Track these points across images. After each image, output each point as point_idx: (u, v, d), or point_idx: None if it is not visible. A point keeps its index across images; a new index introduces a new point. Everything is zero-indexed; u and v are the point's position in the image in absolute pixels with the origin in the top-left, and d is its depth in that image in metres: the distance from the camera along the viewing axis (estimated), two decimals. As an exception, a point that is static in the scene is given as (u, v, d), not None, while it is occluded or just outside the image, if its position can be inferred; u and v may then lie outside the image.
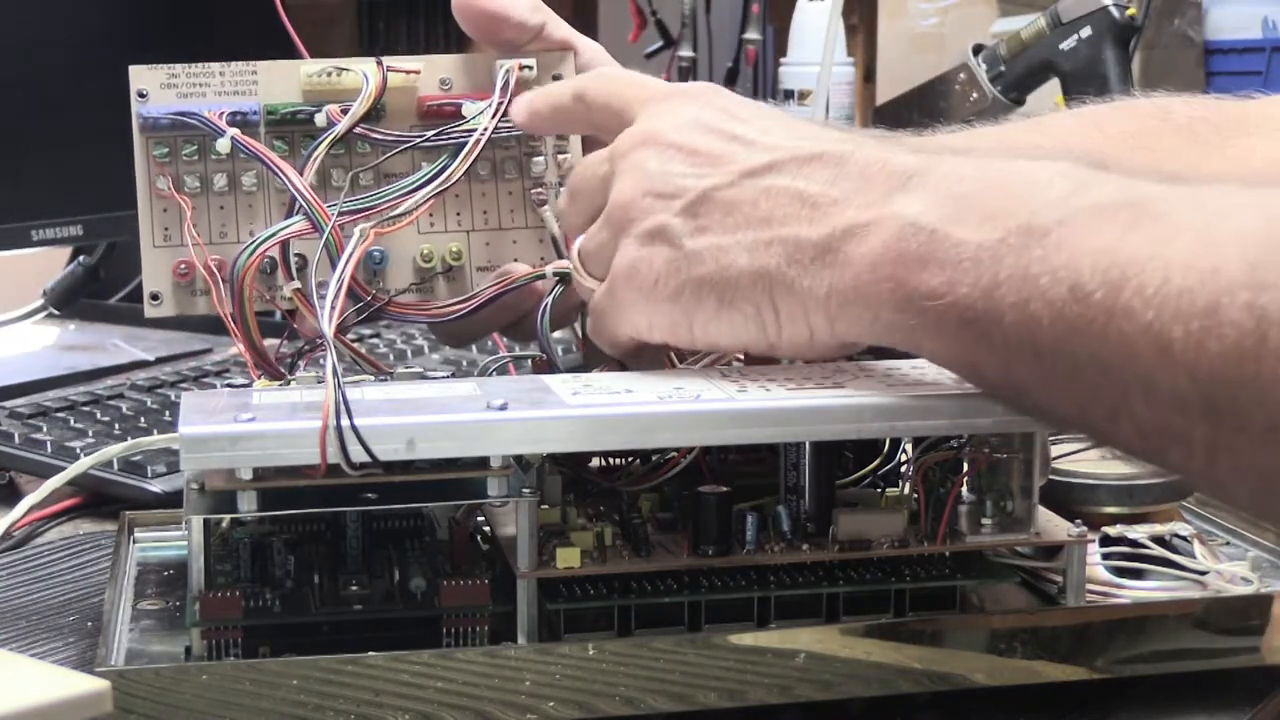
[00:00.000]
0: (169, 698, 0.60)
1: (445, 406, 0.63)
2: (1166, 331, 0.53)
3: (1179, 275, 0.53)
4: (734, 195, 0.66)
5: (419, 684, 0.61)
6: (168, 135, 0.77)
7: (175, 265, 0.77)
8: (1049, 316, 0.57)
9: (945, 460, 0.67)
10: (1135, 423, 0.56)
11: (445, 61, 0.80)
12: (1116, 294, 0.55)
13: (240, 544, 0.66)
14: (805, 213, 0.64)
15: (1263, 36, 1.56)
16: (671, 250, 0.67)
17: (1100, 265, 0.55)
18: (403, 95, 0.78)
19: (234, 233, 0.77)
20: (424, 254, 0.79)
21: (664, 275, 0.67)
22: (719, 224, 0.66)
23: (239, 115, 0.76)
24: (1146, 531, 0.73)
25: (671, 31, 1.79)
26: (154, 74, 0.77)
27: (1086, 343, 0.56)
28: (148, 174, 0.77)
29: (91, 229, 1.23)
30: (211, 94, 0.78)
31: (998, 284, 0.58)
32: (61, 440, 0.93)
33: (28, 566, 0.81)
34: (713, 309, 0.66)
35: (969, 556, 0.68)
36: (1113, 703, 0.66)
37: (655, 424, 0.63)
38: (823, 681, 0.64)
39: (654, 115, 0.70)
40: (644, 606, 0.65)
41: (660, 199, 0.67)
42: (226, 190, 0.77)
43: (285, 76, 0.78)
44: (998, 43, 1.51)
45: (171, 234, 0.77)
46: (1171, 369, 0.53)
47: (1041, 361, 0.58)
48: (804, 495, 0.67)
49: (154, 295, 0.77)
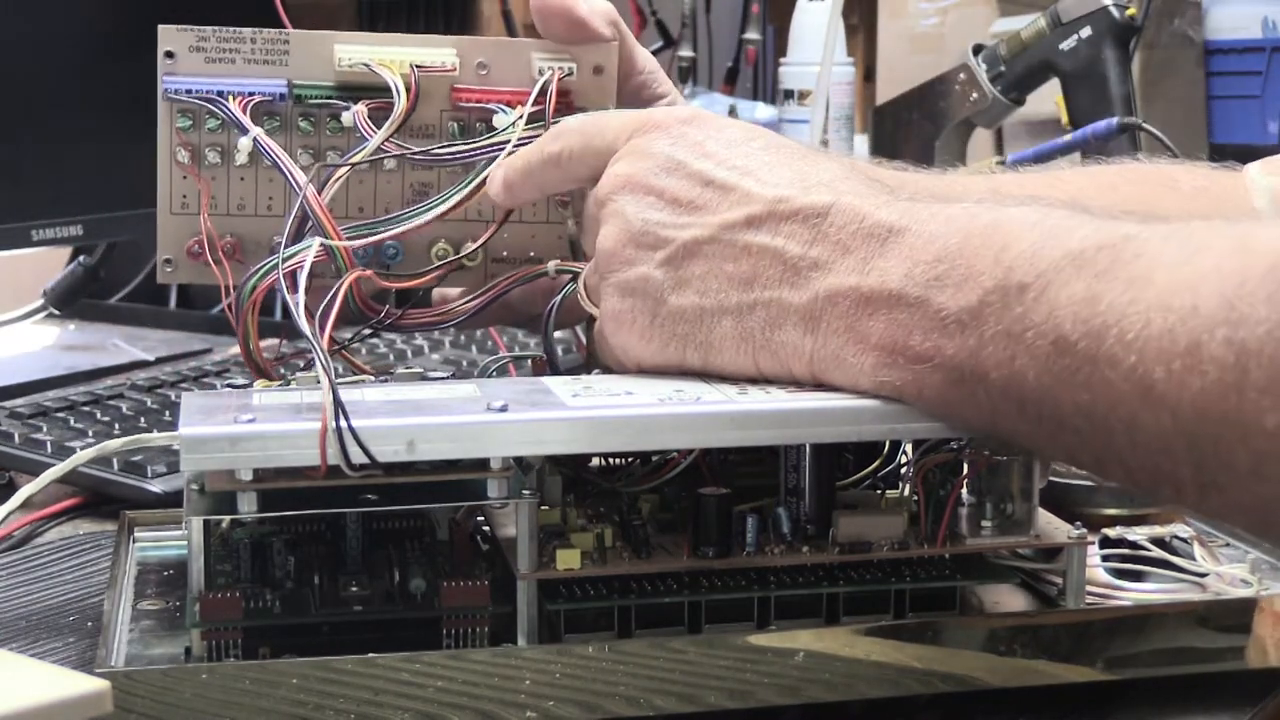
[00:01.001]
0: (169, 698, 0.60)
1: (445, 408, 0.63)
2: (1149, 373, 0.54)
3: (1159, 317, 0.54)
4: (713, 250, 0.66)
5: (419, 684, 0.61)
6: (191, 105, 0.76)
7: (189, 244, 0.76)
8: (1034, 370, 0.57)
9: (945, 462, 0.67)
10: (1124, 467, 0.57)
11: (483, 44, 0.78)
12: (1099, 342, 0.55)
13: (240, 544, 0.66)
14: (787, 276, 0.65)
15: (1263, 36, 1.56)
16: (653, 304, 0.67)
17: (1081, 315, 0.56)
18: (438, 82, 0.77)
19: (252, 205, 0.76)
20: (439, 253, 0.78)
21: (648, 329, 0.68)
22: (700, 280, 0.66)
23: (266, 100, 0.75)
24: (1146, 533, 0.73)
25: (671, 31, 1.80)
26: (183, 36, 0.76)
27: (1072, 393, 0.56)
28: (170, 142, 0.76)
29: (91, 229, 1.23)
30: (241, 60, 0.76)
31: (983, 344, 0.59)
32: (61, 440, 0.93)
33: (28, 566, 0.81)
34: (698, 361, 0.67)
35: (969, 558, 0.68)
36: (1113, 704, 0.66)
37: (655, 426, 0.63)
38: (823, 682, 0.64)
39: (629, 156, 0.70)
40: (644, 607, 0.65)
41: (641, 249, 0.68)
42: (248, 164, 0.76)
43: (318, 51, 0.76)
44: (998, 43, 1.51)
45: (189, 203, 0.76)
46: (1155, 411, 0.54)
47: (1026, 414, 0.58)
48: (804, 497, 0.67)
49: (167, 261, 0.77)
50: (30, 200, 1.19)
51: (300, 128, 0.76)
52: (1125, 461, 0.56)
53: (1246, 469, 0.53)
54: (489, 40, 0.79)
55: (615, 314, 0.69)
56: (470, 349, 1.17)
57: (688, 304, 0.67)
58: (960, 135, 1.56)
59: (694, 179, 0.68)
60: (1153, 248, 0.56)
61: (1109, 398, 0.55)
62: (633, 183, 0.69)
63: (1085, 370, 0.56)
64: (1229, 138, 1.56)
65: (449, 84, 0.77)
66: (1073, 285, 0.57)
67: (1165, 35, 1.59)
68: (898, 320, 0.61)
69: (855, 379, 0.63)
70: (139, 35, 1.26)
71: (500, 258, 0.79)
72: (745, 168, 0.67)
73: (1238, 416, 0.52)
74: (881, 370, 0.62)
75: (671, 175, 0.68)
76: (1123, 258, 0.56)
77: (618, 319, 0.69)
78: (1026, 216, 0.60)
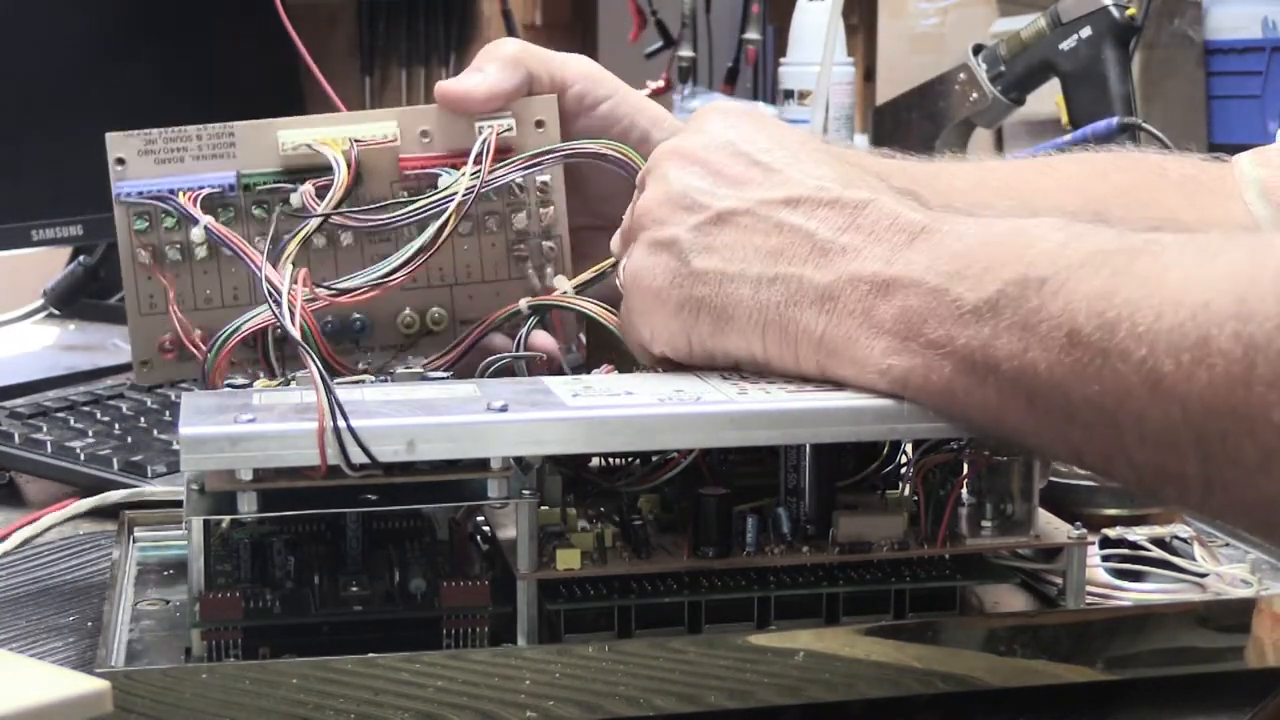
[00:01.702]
0: (169, 698, 0.60)
1: (445, 408, 0.63)
2: (1159, 366, 0.54)
3: (1171, 311, 0.54)
4: (747, 222, 0.67)
5: (419, 684, 0.61)
6: (147, 206, 0.77)
7: (160, 341, 0.77)
8: (1046, 362, 0.58)
9: (945, 462, 0.67)
10: (1131, 464, 0.57)
11: (425, 113, 0.79)
12: (1111, 334, 0.56)
13: (240, 544, 0.66)
14: (813, 256, 0.65)
15: (1263, 36, 1.56)
16: (677, 264, 0.68)
17: (1096, 309, 0.56)
18: (382, 156, 0.78)
19: (219, 297, 0.77)
20: (405, 321, 0.79)
21: (666, 287, 0.68)
22: (727, 248, 0.67)
23: (216, 191, 0.76)
24: (1146, 533, 0.73)
25: (671, 31, 1.79)
26: (131, 141, 0.77)
27: (1081, 385, 0.57)
28: (130, 245, 0.77)
29: (91, 229, 1.23)
30: (189, 158, 0.77)
31: (997, 334, 0.59)
32: (61, 440, 0.93)
33: (28, 566, 0.81)
34: (708, 330, 0.67)
35: (969, 558, 0.68)
36: (1113, 704, 0.66)
37: (655, 426, 0.63)
38: (823, 682, 0.64)
39: (688, 130, 0.72)
40: (644, 607, 0.65)
41: (675, 210, 0.68)
42: (209, 258, 0.77)
43: (263, 140, 0.77)
44: (998, 43, 1.51)
45: (157, 303, 0.77)
46: (1164, 404, 0.54)
47: (1035, 407, 0.59)
48: (804, 497, 0.67)
49: (144, 363, 0.78)
50: (30, 200, 1.19)
51: (255, 215, 0.77)
52: (1132, 458, 0.57)
53: (1254, 464, 0.53)
54: (429, 109, 0.79)
55: (637, 270, 0.69)
56: (470, 349, 1.17)
57: (710, 267, 0.67)
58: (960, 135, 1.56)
59: (741, 157, 0.69)
60: (1170, 251, 0.57)
61: (1119, 390, 0.55)
62: (681, 152, 0.70)
63: (1097, 362, 0.56)
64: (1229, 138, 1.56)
65: (394, 156, 0.78)
66: (1090, 281, 0.57)
67: (1165, 35, 1.59)
68: (913, 307, 0.62)
69: (864, 363, 0.63)
70: (139, 35, 1.27)
71: (468, 319, 0.79)
72: (793, 157, 0.69)
73: (1245, 410, 0.52)
74: (891, 355, 0.63)
75: (720, 151, 0.69)
76: (1141, 258, 0.57)
77: (638, 275, 0.69)
78: (1052, 223, 0.62)
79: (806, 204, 0.67)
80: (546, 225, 0.80)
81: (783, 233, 0.66)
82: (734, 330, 0.67)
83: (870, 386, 0.64)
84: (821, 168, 0.68)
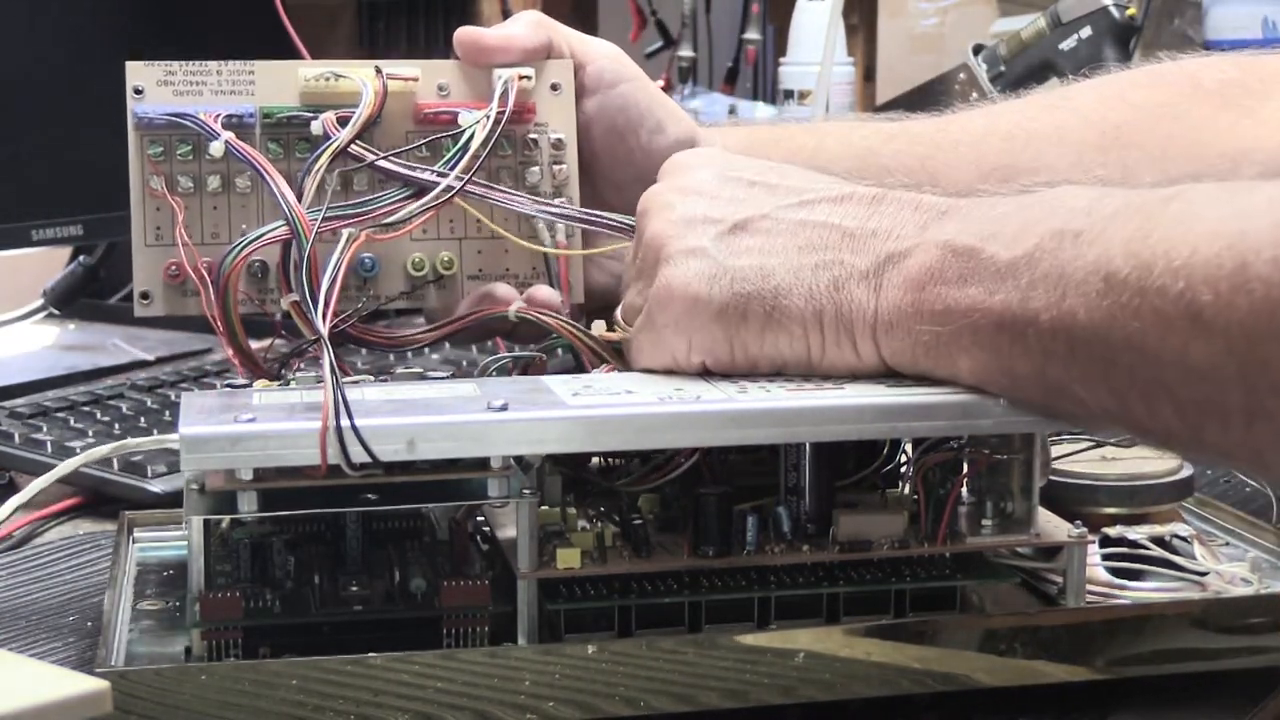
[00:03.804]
0: (169, 698, 0.60)
1: (445, 407, 0.63)
2: (1197, 298, 0.54)
3: (1206, 244, 0.54)
4: (768, 225, 0.67)
5: (419, 684, 0.61)
6: (162, 134, 0.77)
7: (166, 266, 0.76)
8: (1084, 308, 0.57)
9: (945, 461, 0.67)
10: (1174, 402, 0.56)
11: (443, 66, 0.80)
12: (1148, 273, 0.55)
13: (240, 544, 0.66)
14: (847, 243, 0.65)
15: (1263, 36, 1.56)
16: (712, 268, 0.66)
17: (1131, 250, 0.56)
18: (400, 101, 0.78)
19: (226, 234, 0.77)
20: (415, 263, 0.78)
21: (706, 293, 0.66)
22: (760, 246, 0.66)
23: (234, 118, 0.76)
24: (1146, 532, 0.73)
25: (671, 31, 1.80)
26: (150, 70, 0.77)
27: (1122, 326, 0.56)
28: (141, 172, 0.77)
29: (91, 229, 1.23)
30: (208, 92, 0.77)
31: (1033, 285, 0.59)
32: (61, 440, 0.93)
33: (28, 566, 0.81)
34: (757, 328, 0.66)
35: (969, 557, 0.68)
36: (1112, 703, 0.66)
37: (655, 425, 0.63)
38: (823, 682, 0.64)
39: (669, 175, 0.71)
40: (644, 607, 0.65)
41: (692, 226, 0.67)
42: (220, 191, 0.77)
43: (283, 78, 0.78)
44: (998, 43, 1.51)
45: (164, 234, 0.77)
46: (1205, 335, 0.54)
47: (1077, 356, 0.58)
48: (804, 496, 0.67)
49: (144, 294, 0.77)
50: (30, 200, 1.19)
51: (270, 149, 0.77)
52: (1175, 395, 0.56)
53: None
54: (447, 62, 0.80)
55: (669, 282, 0.67)
56: (470, 349, 1.17)
57: (748, 264, 0.66)
58: (960, 135, 1.56)
59: (736, 182, 0.69)
60: (1203, 195, 0.57)
61: (1159, 327, 0.55)
62: (674, 188, 0.70)
63: (1135, 302, 0.56)
64: (1229, 137, 1.56)
65: (412, 102, 0.79)
66: (1124, 227, 0.57)
67: (1165, 35, 1.59)
68: (951, 268, 0.62)
69: (914, 340, 0.63)
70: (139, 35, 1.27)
71: (476, 275, 0.79)
72: (785, 174, 0.69)
73: None
74: (937, 319, 0.63)
75: (712, 183, 0.69)
76: (1173, 203, 0.57)
77: (670, 286, 0.67)
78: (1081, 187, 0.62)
79: (823, 203, 0.66)
80: (559, 183, 0.80)
81: (808, 229, 0.66)
82: (785, 323, 0.65)
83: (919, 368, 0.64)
84: (818, 180, 0.68)
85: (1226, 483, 0.90)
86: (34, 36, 1.20)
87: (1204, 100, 0.82)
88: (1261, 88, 0.82)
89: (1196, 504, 0.80)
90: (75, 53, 1.22)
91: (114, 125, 0.78)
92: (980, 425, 0.64)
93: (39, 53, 1.20)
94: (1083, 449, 0.77)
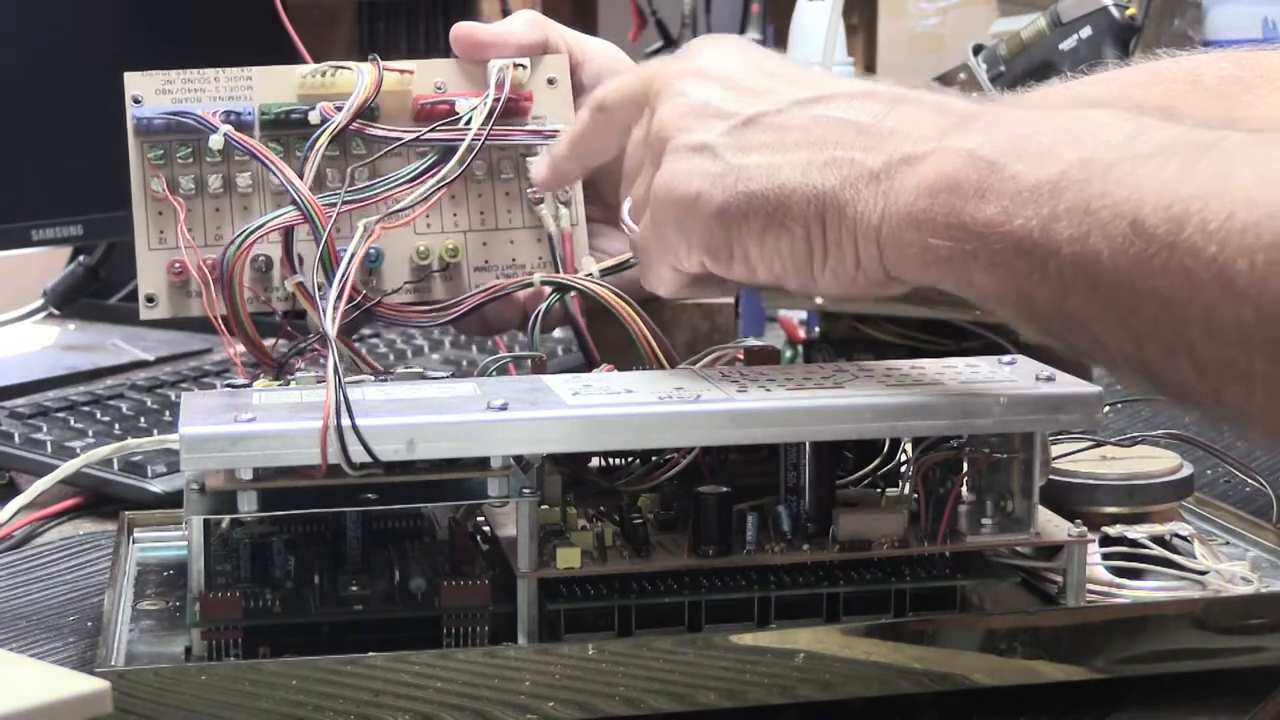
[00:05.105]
0: (169, 698, 0.60)
1: (445, 406, 0.63)
2: (1230, 265, 0.53)
3: (1243, 210, 0.53)
4: (784, 120, 0.64)
5: (419, 684, 0.61)
6: (162, 138, 0.77)
7: (169, 265, 0.77)
8: (1109, 250, 0.56)
9: (945, 460, 0.67)
10: (1194, 359, 0.55)
11: (440, 65, 0.80)
12: (1179, 229, 0.54)
13: (240, 544, 0.66)
14: (860, 140, 0.63)
15: (1263, 36, 1.56)
16: (716, 164, 0.64)
17: (1163, 201, 0.55)
18: (397, 96, 0.78)
19: (229, 234, 0.77)
20: (420, 251, 0.79)
21: (707, 189, 0.64)
22: (769, 143, 0.64)
23: (233, 114, 0.77)
24: (1146, 531, 0.73)
25: (671, 31, 1.80)
26: (149, 80, 0.78)
27: (1147, 277, 0.55)
28: (142, 176, 0.77)
29: (91, 229, 1.23)
30: (206, 99, 0.78)
31: (1056, 216, 0.57)
32: (61, 440, 0.93)
33: (28, 566, 0.81)
34: (759, 228, 0.64)
35: (969, 556, 0.68)
36: (1112, 702, 0.66)
37: (655, 424, 0.63)
38: (823, 682, 0.64)
39: (690, 55, 0.68)
40: (644, 607, 0.65)
41: (701, 119, 0.65)
42: (221, 191, 0.77)
43: (280, 81, 0.78)
44: (998, 43, 1.51)
45: (167, 236, 0.77)
46: (1236, 303, 0.53)
47: (1099, 295, 0.57)
48: (804, 495, 0.67)
49: (149, 298, 0.77)
50: (30, 200, 1.19)
51: (270, 148, 0.77)
52: (1197, 353, 0.55)
53: None
54: (444, 61, 0.80)
55: (670, 179, 0.65)
56: (470, 349, 1.17)
57: (754, 161, 0.64)
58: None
59: (756, 72, 0.66)
60: (1241, 148, 0.55)
61: (1187, 285, 0.54)
62: (691, 70, 0.67)
63: (1163, 255, 0.54)
64: (1229, 137, 1.56)
65: (409, 98, 0.79)
66: (1158, 174, 0.55)
67: (1165, 35, 1.59)
68: (970, 182, 0.59)
69: (922, 249, 0.60)
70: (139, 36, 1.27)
71: (482, 266, 0.79)
72: (805, 70, 0.67)
73: None
74: (950, 233, 0.59)
75: (732, 68, 0.66)
76: (1210, 154, 0.55)
77: (671, 184, 0.65)
78: (1119, 112, 0.60)
79: (840, 99, 0.64)
80: None
81: (822, 124, 0.63)
82: (787, 224, 0.63)
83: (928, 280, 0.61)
84: (838, 78, 0.66)
85: (1226, 483, 0.90)
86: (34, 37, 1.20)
87: (1204, 97, 0.81)
88: (1261, 84, 0.82)
89: (1196, 503, 0.80)
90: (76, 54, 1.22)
91: (115, 126, 0.78)
92: (980, 425, 0.64)
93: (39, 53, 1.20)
94: (1083, 449, 0.77)
